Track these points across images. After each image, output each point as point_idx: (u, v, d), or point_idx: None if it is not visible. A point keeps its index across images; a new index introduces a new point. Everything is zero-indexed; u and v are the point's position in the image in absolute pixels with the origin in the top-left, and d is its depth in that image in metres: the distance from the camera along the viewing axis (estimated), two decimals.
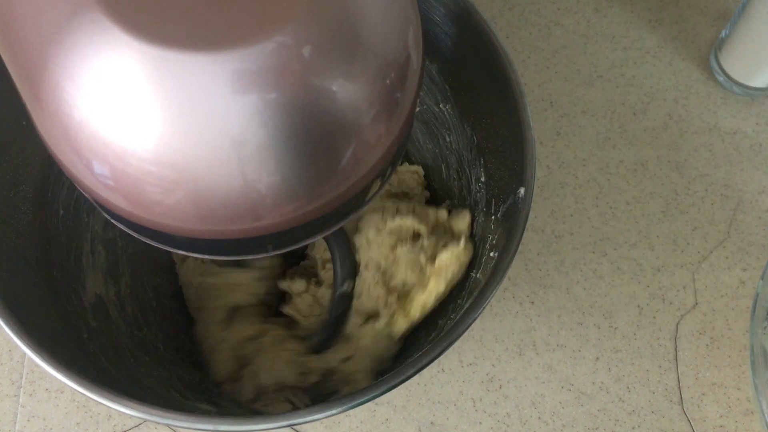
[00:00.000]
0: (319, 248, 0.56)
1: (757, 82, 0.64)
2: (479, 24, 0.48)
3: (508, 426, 0.56)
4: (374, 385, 0.41)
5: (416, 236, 0.53)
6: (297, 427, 0.56)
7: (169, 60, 0.26)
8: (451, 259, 0.50)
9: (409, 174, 0.59)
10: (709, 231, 0.62)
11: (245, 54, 0.26)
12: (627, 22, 0.69)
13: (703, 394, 0.57)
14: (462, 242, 0.51)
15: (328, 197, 0.31)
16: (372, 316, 0.52)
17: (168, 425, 0.55)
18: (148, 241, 0.34)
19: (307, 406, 0.50)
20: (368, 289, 0.52)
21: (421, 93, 0.35)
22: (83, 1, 0.26)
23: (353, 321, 0.52)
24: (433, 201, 0.59)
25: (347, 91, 0.29)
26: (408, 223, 0.52)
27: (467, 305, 0.45)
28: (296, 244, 0.34)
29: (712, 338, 0.59)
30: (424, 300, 0.51)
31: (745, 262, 0.61)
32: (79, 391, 0.41)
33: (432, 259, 0.51)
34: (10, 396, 0.56)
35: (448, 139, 0.57)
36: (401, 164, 0.58)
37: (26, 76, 0.28)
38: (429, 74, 0.55)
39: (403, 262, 0.51)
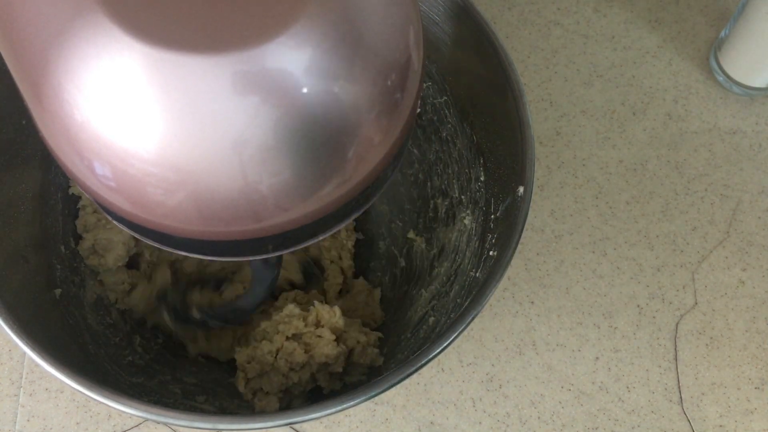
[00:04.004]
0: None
1: (757, 82, 0.64)
2: (479, 24, 0.49)
3: (507, 426, 0.56)
4: (373, 384, 0.42)
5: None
6: (296, 426, 0.56)
7: (171, 62, 0.26)
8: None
9: None
10: (708, 231, 0.62)
11: (247, 56, 0.26)
12: (627, 22, 0.69)
13: (703, 394, 0.57)
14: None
15: (329, 198, 0.31)
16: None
17: (168, 424, 0.55)
18: (149, 242, 0.34)
19: None
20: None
21: (421, 93, 0.35)
22: (85, 2, 0.26)
23: None
24: (431, 201, 0.60)
25: (348, 93, 0.29)
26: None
27: (466, 304, 0.45)
28: (297, 245, 0.34)
29: (711, 338, 0.59)
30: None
31: (745, 262, 0.61)
32: (79, 391, 0.41)
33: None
34: (10, 396, 0.56)
35: (448, 139, 0.57)
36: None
37: (28, 77, 0.28)
38: (429, 74, 0.55)
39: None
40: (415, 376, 0.52)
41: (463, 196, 0.56)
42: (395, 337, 0.55)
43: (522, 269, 0.61)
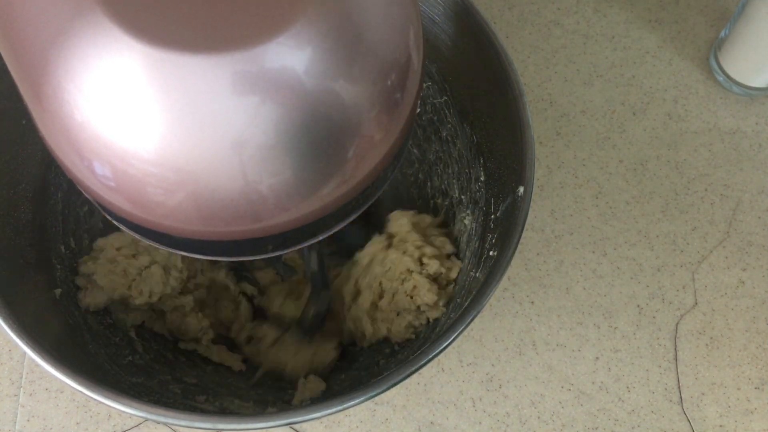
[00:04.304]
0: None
1: (757, 82, 0.64)
2: (479, 24, 0.49)
3: (507, 426, 0.56)
4: (374, 384, 0.42)
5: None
6: (296, 426, 0.56)
7: (171, 62, 0.26)
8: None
9: None
10: (708, 231, 0.62)
11: (246, 56, 0.26)
12: (627, 22, 0.69)
13: (703, 394, 0.57)
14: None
15: (329, 198, 0.31)
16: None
17: (168, 424, 0.55)
18: (150, 242, 0.34)
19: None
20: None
21: (421, 93, 0.35)
22: (85, 2, 0.26)
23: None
24: (431, 201, 0.60)
25: (348, 93, 0.29)
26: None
27: (467, 304, 0.45)
28: (296, 245, 0.34)
29: (711, 338, 0.59)
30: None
31: (745, 262, 0.61)
32: (79, 391, 0.41)
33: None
34: (10, 396, 0.56)
35: (448, 139, 0.57)
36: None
37: (28, 77, 0.28)
38: (429, 74, 0.55)
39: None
40: (415, 376, 0.52)
41: (463, 196, 0.56)
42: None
43: (522, 269, 0.61)
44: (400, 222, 0.55)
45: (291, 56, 0.27)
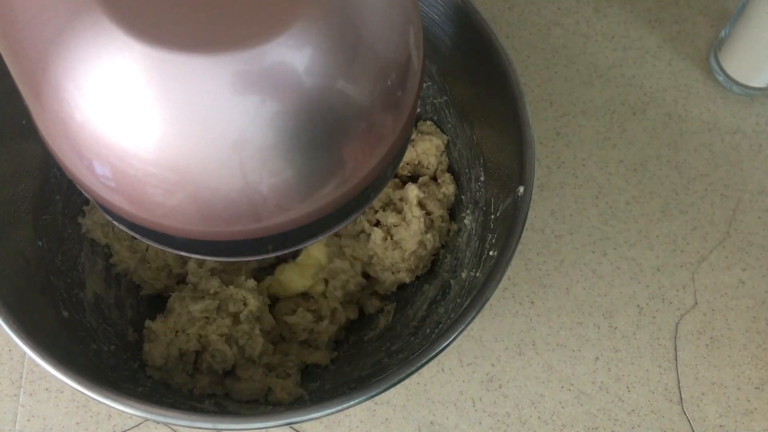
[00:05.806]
0: None
1: (757, 81, 0.64)
2: (479, 24, 0.49)
3: (507, 426, 0.56)
4: (373, 384, 0.42)
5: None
6: (296, 426, 0.56)
7: (171, 62, 0.26)
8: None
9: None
10: (708, 231, 0.62)
11: (246, 56, 0.26)
12: (627, 22, 0.69)
13: (703, 394, 0.57)
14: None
15: (329, 198, 0.31)
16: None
17: (168, 424, 0.55)
18: (149, 242, 0.34)
19: None
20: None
21: (421, 93, 0.35)
22: (85, 2, 0.26)
23: None
24: None
25: (348, 93, 0.29)
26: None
27: (466, 304, 0.45)
28: (297, 245, 0.34)
29: (711, 338, 0.59)
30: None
31: (745, 262, 0.61)
32: (79, 391, 0.41)
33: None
34: (10, 396, 0.56)
35: (448, 139, 0.57)
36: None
37: (27, 77, 0.28)
38: (429, 74, 0.55)
39: None
40: (415, 376, 0.52)
41: (463, 196, 0.56)
42: (396, 337, 0.55)
43: (522, 269, 0.61)
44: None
45: (291, 56, 0.27)
